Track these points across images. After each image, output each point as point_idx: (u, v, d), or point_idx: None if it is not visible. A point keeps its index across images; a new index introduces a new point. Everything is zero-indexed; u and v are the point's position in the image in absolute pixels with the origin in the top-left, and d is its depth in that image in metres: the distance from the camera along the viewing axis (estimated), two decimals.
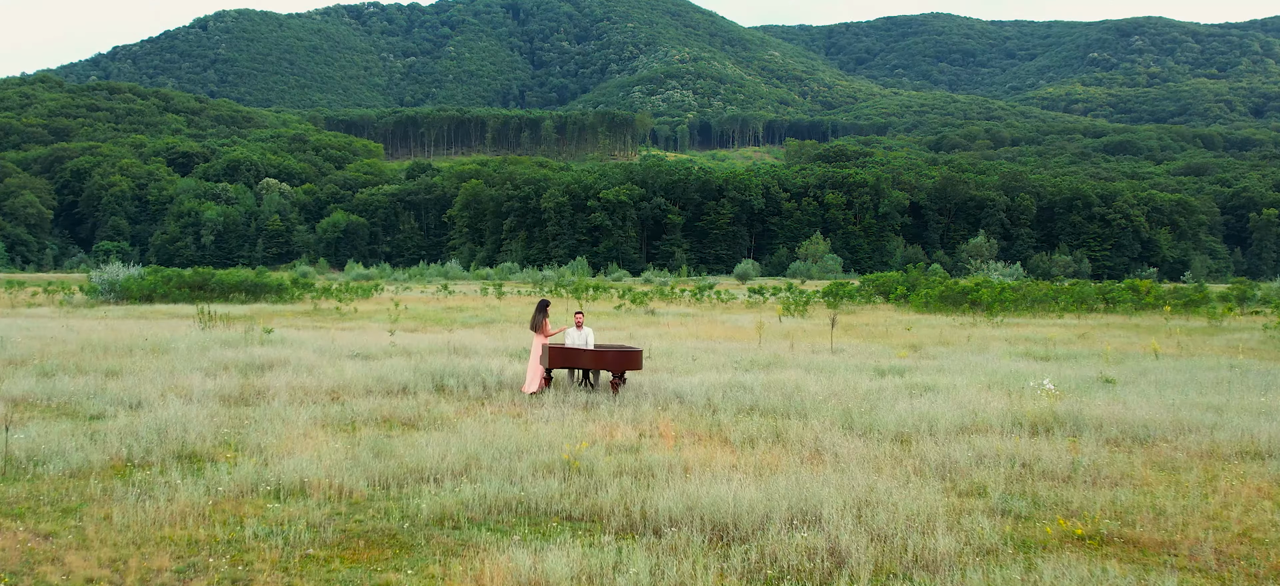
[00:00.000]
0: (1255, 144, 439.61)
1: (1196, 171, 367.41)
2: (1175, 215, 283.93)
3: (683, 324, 56.04)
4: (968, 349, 41.21)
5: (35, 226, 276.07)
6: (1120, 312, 77.83)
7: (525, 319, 59.69)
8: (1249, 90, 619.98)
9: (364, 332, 42.62)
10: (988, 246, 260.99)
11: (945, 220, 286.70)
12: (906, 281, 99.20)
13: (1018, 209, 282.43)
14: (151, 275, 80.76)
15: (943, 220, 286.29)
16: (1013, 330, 53.75)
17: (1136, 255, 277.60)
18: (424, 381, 25.12)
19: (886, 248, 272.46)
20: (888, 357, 36.08)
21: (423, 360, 30.38)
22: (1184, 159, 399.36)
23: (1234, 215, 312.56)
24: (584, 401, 22.43)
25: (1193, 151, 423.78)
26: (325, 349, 32.69)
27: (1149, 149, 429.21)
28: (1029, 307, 75.41)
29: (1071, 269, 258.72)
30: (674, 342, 41.12)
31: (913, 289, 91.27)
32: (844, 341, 44.64)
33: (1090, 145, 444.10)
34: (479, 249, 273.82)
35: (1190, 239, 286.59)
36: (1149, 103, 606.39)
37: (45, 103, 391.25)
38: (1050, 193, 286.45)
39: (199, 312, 40.29)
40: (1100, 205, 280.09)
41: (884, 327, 55.43)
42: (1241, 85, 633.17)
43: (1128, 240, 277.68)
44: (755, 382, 24.98)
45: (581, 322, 25.66)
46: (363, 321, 56.94)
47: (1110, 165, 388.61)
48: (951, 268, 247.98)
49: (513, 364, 28.85)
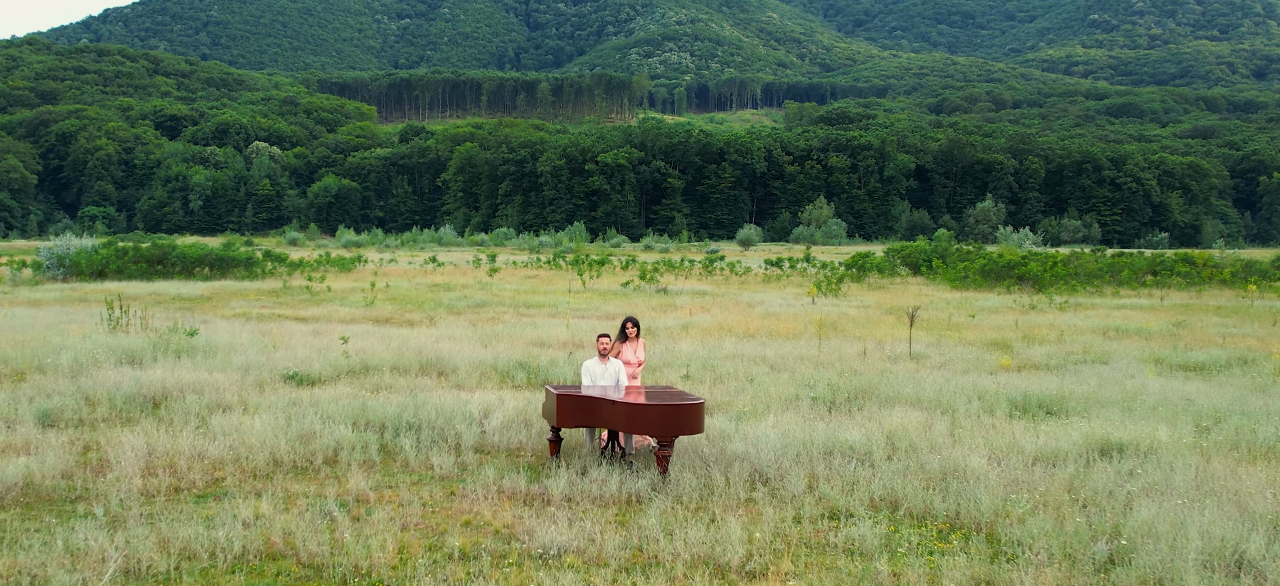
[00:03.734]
0: (1259, 106, 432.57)
1: (1203, 134, 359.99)
2: (1187, 179, 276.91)
3: (705, 309, 48.14)
4: (1069, 347, 33.43)
5: (19, 192, 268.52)
6: (1175, 287, 70.18)
7: (520, 301, 51.60)
8: (1251, 52, 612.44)
9: (321, 332, 34.53)
10: (995, 211, 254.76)
11: (951, 184, 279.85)
12: (934, 251, 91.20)
13: (1026, 172, 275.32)
14: (105, 249, 72.47)
15: (949, 184, 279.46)
16: (1091, 316, 45.90)
17: (1147, 220, 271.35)
18: (367, 441, 16.95)
19: (892, 212, 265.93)
20: (987, 368, 28.21)
21: (378, 389, 22.44)
22: (1190, 121, 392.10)
23: (1243, 179, 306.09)
24: (614, 493, 14.27)
25: (1197, 114, 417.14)
26: (253, 367, 24.56)
27: (1152, 112, 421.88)
28: (1082, 283, 67.43)
29: (1080, 234, 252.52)
30: (705, 341, 33.22)
31: (944, 259, 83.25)
32: (902, 335, 36.80)
33: (1093, 108, 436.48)
34: (474, 214, 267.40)
35: (1202, 203, 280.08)
36: (1150, 65, 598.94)
37: (32, 65, 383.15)
38: (1059, 156, 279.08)
39: (108, 306, 32.20)
40: (1110, 169, 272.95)
41: (936, 312, 47.62)
42: (1243, 47, 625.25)
43: (1139, 204, 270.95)
44: (863, 439, 16.92)
45: (608, 350, 17.57)
46: (333, 304, 49.01)
47: (1115, 128, 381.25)
48: (959, 232, 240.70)
49: (507, 399, 20.72)
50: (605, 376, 17.14)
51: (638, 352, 18.09)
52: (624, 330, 18.01)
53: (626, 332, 18.04)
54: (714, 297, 56.60)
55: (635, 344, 18.13)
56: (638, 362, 18.02)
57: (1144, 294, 65.45)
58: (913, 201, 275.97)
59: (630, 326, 18.07)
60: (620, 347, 18.02)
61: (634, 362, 17.98)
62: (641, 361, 18.10)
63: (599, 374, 17.15)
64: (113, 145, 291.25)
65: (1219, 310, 51.10)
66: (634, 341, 18.13)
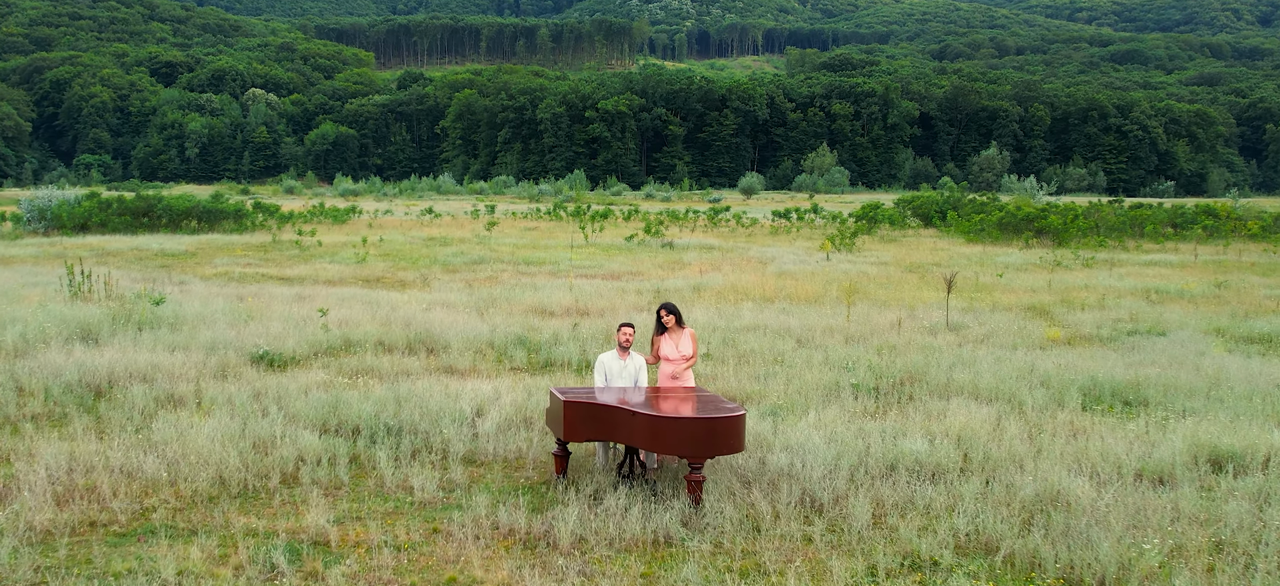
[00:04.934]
0: (1265, 53, 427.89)
1: (1209, 81, 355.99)
2: (1193, 127, 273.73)
3: (716, 266, 45.47)
4: (1115, 313, 30.78)
5: (13, 140, 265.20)
6: (1197, 240, 67.50)
7: (519, 258, 48.83)
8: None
9: (304, 297, 31.74)
10: (1000, 159, 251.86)
11: (955, 132, 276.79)
12: (946, 202, 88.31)
13: (1031, 120, 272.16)
14: (88, 201, 69.41)
15: (953, 131, 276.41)
16: (1123, 275, 43.24)
17: (1153, 168, 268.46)
18: (336, 452, 14.15)
19: (895, 160, 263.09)
20: (1035, 340, 25.55)
21: (357, 374, 19.68)
22: (1195, 68, 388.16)
23: (1249, 127, 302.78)
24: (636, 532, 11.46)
25: (1202, 61, 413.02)
26: (220, 344, 21.77)
27: (1157, 58, 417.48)
28: (1103, 237, 64.64)
29: (1085, 182, 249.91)
30: (721, 307, 30.52)
31: (957, 210, 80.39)
32: (931, 299, 34.20)
33: (1097, 54, 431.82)
34: (473, 161, 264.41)
35: (1208, 151, 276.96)
36: (1154, 11, 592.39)
37: (26, 11, 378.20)
38: (1064, 103, 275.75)
39: (69, 270, 29.41)
40: (1116, 116, 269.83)
41: (956, 269, 44.92)
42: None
43: (1145, 152, 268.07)
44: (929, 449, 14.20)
45: (629, 343, 14.69)
46: (323, 261, 46.29)
47: (1120, 74, 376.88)
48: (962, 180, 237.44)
49: (504, 390, 17.94)
50: (623, 375, 14.36)
51: (680, 345, 14.80)
52: (660, 320, 14.91)
53: (663, 323, 14.85)
54: (723, 253, 53.92)
55: (677, 335, 14.83)
56: (681, 359, 14.76)
57: (1169, 248, 62.81)
58: (916, 149, 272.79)
59: (667, 315, 14.80)
60: (658, 341, 14.91)
61: (675, 359, 14.77)
62: (689, 358, 14.78)
63: (616, 372, 14.36)
64: (108, 92, 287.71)
65: (1255, 268, 48.42)
66: (675, 332, 14.85)
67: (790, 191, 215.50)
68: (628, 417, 12.24)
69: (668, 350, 14.74)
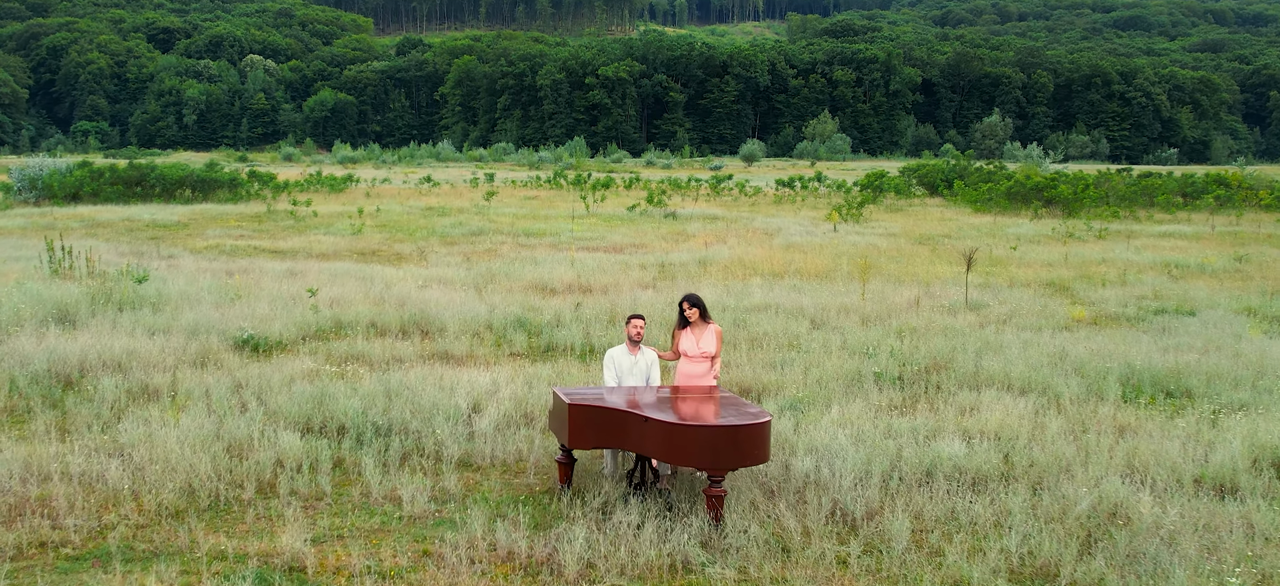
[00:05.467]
0: (1269, 19, 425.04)
1: (1213, 48, 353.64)
2: (1197, 94, 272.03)
3: (720, 237, 44.25)
4: (1138, 290, 29.60)
5: (10, 107, 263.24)
6: (1209, 209, 66.22)
7: (518, 229, 47.54)
8: None
9: (295, 273, 30.48)
10: (1003, 126, 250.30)
11: (958, 98, 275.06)
12: (952, 171, 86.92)
13: (1034, 87, 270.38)
14: (79, 170, 67.96)
15: (955, 98, 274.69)
16: (1140, 248, 42.07)
17: (1156, 135, 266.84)
18: (319, 455, 12.87)
19: (897, 127, 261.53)
20: (1059, 320, 24.37)
21: (346, 361, 18.47)
22: (1198, 34, 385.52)
23: (1253, 94, 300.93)
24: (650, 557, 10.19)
25: (1206, 27, 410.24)
26: (202, 327, 20.50)
27: (1160, 24, 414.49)
28: (1114, 208, 63.29)
29: (1088, 150, 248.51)
30: (728, 282, 29.36)
31: (963, 179, 79.02)
32: (945, 274, 33.06)
33: (1100, 20, 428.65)
34: (472, 128, 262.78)
35: (1211, 118, 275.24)
36: None
37: None
38: (1068, 70, 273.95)
39: (49, 246, 28.12)
40: (1120, 83, 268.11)
41: (969, 241, 43.71)
42: None
43: (1148, 119, 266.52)
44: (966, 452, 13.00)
45: (640, 337, 13.30)
46: (317, 232, 45.08)
47: (1123, 41, 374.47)
48: (965, 148, 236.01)
49: (502, 381, 16.69)
50: (634, 373, 13.07)
51: (702, 342, 13.25)
52: (682, 313, 13.37)
53: (686, 316, 13.32)
54: (727, 223, 52.69)
55: (701, 330, 13.29)
56: (701, 356, 13.25)
57: (1181, 219, 61.61)
58: (918, 116, 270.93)
59: (690, 307, 13.26)
60: (679, 335, 13.48)
61: (696, 356, 13.28)
62: (711, 356, 13.27)
63: (627, 369, 13.06)
64: (105, 58, 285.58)
65: (1273, 240, 47.22)
66: (698, 326, 13.30)
67: (792, 159, 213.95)
68: (639, 424, 10.99)
69: (688, 346, 13.30)
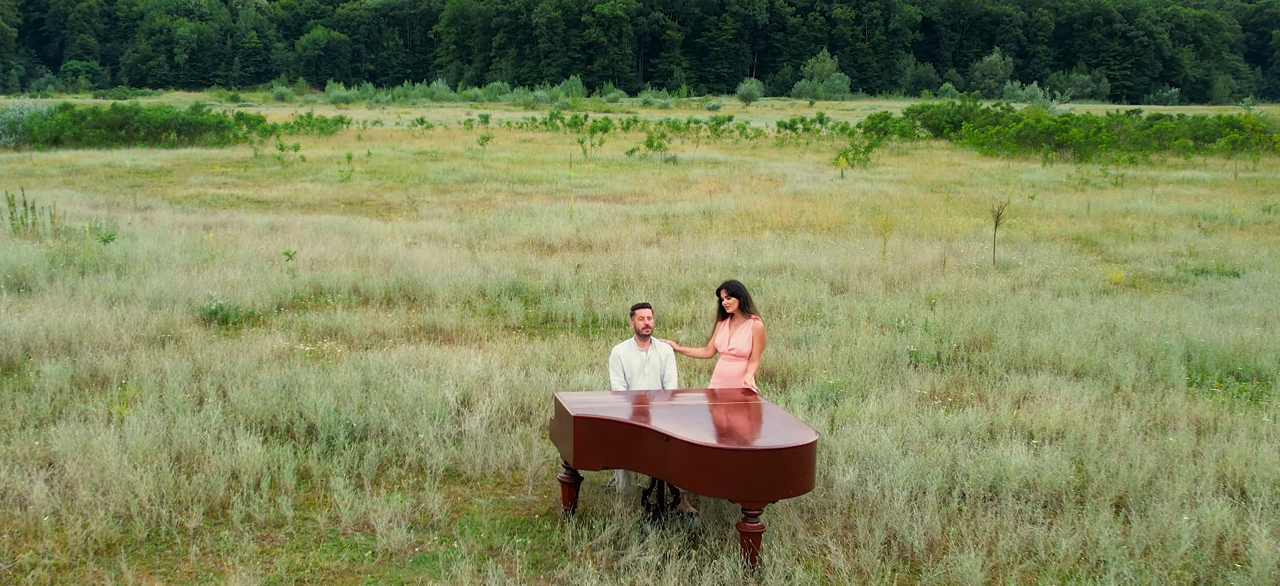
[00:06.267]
0: None
1: None
2: (1199, 32, 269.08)
3: (724, 185, 42.43)
4: (1171, 245, 27.87)
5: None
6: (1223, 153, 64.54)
7: (514, 175, 45.59)
8: None
9: (277, 227, 28.59)
10: (1003, 65, 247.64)
11: (958, 37, 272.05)
12: (958, 112, 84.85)
13: (1034, 25, 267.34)
14: (61, 113, 65.83)
15: (955, 37, 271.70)
16: (1162, 198, 40.33)
17: (1157, 75, 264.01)
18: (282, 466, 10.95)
19: (896, 66, 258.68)
20: (1096, 282, 22.62)
21: (322, 337, 16.65)
22: None
23: (1255, 33, 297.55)
24: None
25: None
26: (167, 296, 18.62)
27: None
28: (1128, 152, 61.41)
29: (1089, 89, 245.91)
30: (738, 239, 27.56)
31: (970, 122, 76.98)
32: (964, 227, 31.35)
33: None
34: (467, 68, 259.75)
35: (1213, 58, 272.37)
36: None
37: None
38: (1069, 8, 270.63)
39: (10, 203, 26.19)
40: (1122, 21, 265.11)
41: (982, 188, 41.94)
42: None
43: (1149, 59, 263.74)
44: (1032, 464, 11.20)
45: (649, 328, 10.98)
46: (305, 180, 43.15)
47: None
48: (964, 86, 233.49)
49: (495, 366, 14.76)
50: (645, 374, 10.99)
51: (734, 339, 11.11)
52: (720, 302, 11.20)
53: (724, 307, 11.16)
54: (729, 169, 50.83)
55: (738, 324, 11.13)
56: (732, 354, 11.12)
57: (1196, 163, 59.74)
58: (918, 55, 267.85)
59: (728, 297, 11.07)
60: (718, 328, 11.30)
61: (729, 353, 11.14)
62: (741, 355, 11.08)
63: (636, 369, 10.98)
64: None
65: None
66: (737, 320, 11.16)
67: (790, 98, 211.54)
68: (658, 444, 9.17)
69: (721, 342, 11.24)
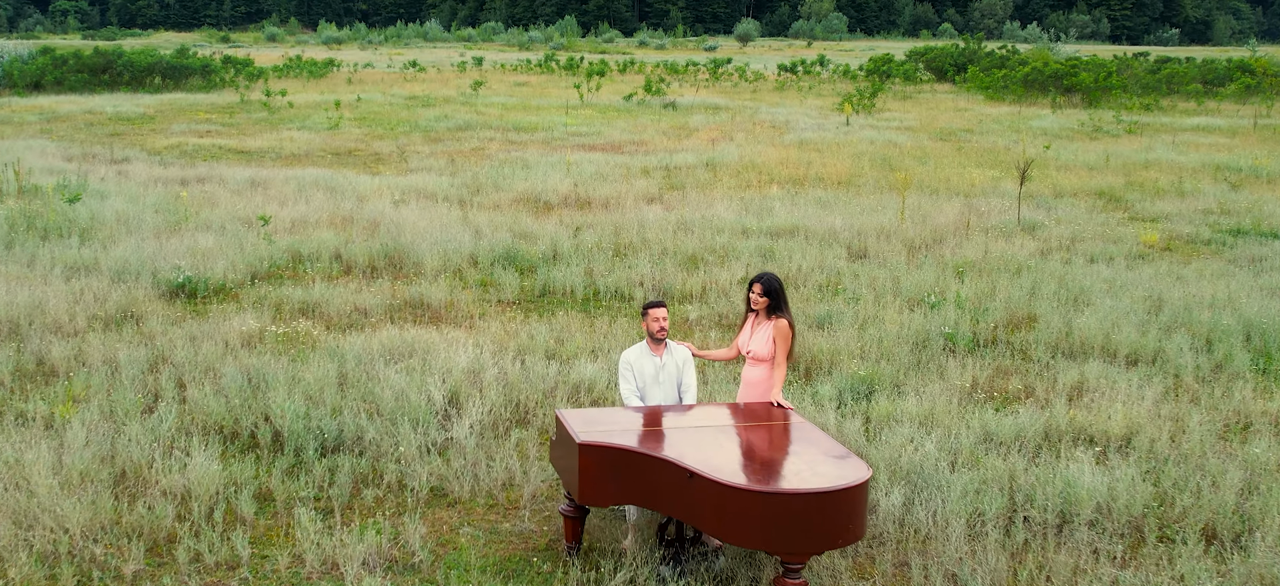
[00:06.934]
0: None
1: None
2: None
3: (725, 133, 40.90)
4: (1201, 202, 26.48)
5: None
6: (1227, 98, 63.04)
7: (508, 122, 43.93)
8: None
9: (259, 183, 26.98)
10: (1002, 5, 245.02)
11: None
12: (963, 55, 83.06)
13: None
14: (41, 57, 63.90)
15: None
16: (1182, 147, 38.92)
17: (1157, 15, 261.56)
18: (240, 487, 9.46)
19: (894, 5, 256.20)
20: (1129, 246, 21.17)
21: (298, 316, 15.14)
22: None
23: None
24: None
25: None
26: (132, 266, 17.04)
27: None
28: (1140, 97, 59.85)
29: (1089, 29, 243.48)
30: (744, 195, 26.07)
31: (975, 65, 75.23)
32: (980, 180, 29.93)
33: None
34: (460, 6, 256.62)
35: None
36: None
37: None
38: None
39: None
40: None
41: (993, 137, 40.46)
42: None
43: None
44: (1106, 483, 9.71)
45: (665, 331, 9.37)
46: (292, 128, 41.54)
47: None
48: (962, 27, 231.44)
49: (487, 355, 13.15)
50: (661, 383, 9.43)
51: (753, 339, 9.51)
52: (749, 298, 9.48)
53: (751, 302, 9.45)
54: (731, 115, 49.25)
55: (762, 324, 9.46)
56: (754, 359, 9.50)
57: (1209, 109, 58.14)
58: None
59: (760, 294, 9.36)
60: (743, 325, 9.69)
61: (755, 356, 9.49)
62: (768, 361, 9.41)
63: (651, 378, 9.40)
64: None
65: None
66: (762, 319, 9.48)
67: (788, 39, 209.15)
68: (680, 481, 7.68)
69: (743, 341, 9.68)
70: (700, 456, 7.79)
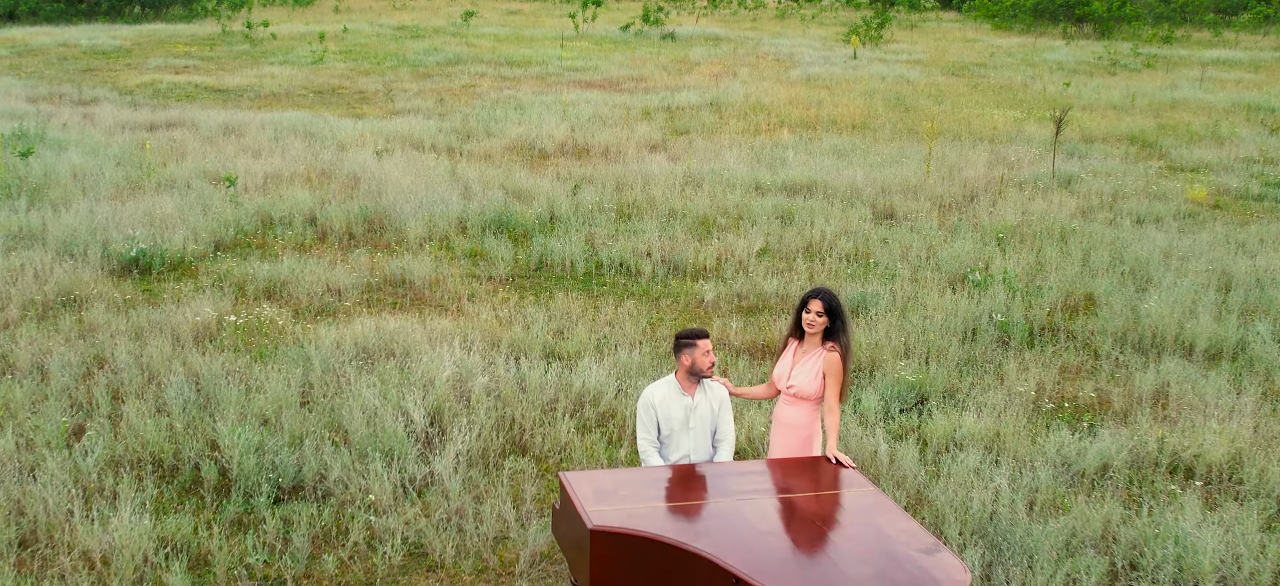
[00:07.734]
0: None
1: None
2: None
3: (728, 68, 39.09)
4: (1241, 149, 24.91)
5: None
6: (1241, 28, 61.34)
7: (500, 56, 41.95)
8: None
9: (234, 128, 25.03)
10: None
11: None
12: None
13: None
14: None
15: None
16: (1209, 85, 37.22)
17: None
18: (174, 540, 7.62)
19: None
20: (1176, 204, 19.50)
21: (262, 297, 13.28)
22: None
23: None
24: None
25: None
26: (82, 236, 15.10)
27: None
28: (1148, 26, 58.00)
29: None
30: (755, 143, 24.32)
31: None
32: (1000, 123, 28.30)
33: None
34: None
35: None
36: None
37: None
38: None
39: None
40: None
41: (1009, 73, 38.69)
42: None
43: None
44: (1227, 546, 8.04)
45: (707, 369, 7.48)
46: (273, 63, 39.61)
47: None
48: None
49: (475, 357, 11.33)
50: (691, 431, 7.56)
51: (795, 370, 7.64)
52: (798, 319, 7.58)
53: (804, 322, 7.51)
54: (732, 46, 47.39)
55: (810, 353, 7.59)
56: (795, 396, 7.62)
57: (1227, 40, 56.29)
58: None
59: (820, 313, 7.43)
60: (783, 351, 7.82)
61: (798, 394, 7.61)
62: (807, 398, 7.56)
63: (679, 423, 7.53)
64: None
65: None
66: (810, 346, 7.61)
67: None
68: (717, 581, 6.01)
69: (780, 372, 7.74)
70: (745, 552, 6.02)
